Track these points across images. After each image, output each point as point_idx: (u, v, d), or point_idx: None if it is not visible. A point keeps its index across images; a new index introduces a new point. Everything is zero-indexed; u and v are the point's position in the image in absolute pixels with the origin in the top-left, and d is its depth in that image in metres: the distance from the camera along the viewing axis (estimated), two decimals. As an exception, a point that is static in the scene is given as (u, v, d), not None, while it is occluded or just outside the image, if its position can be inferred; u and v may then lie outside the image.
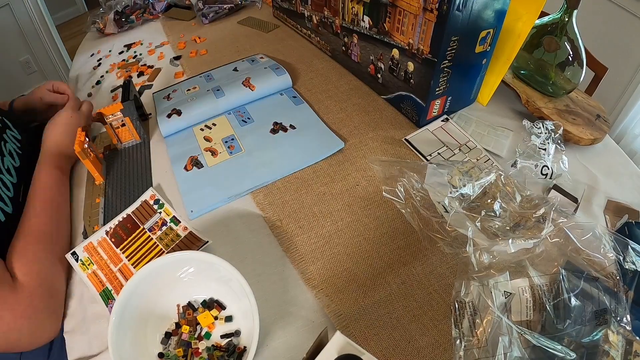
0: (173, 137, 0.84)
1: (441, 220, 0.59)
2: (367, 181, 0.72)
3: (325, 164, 0.75)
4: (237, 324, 0.56)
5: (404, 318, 0.55)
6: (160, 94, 0.94)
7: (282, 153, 0.77)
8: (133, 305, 0.53)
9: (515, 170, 0.69)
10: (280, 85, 0.92)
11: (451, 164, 0.65)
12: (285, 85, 0.93)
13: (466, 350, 0.48)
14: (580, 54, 0.77)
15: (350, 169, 0.74)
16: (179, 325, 0.56)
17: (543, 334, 0.45)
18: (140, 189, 0.74)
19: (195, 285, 0.57)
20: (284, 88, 0.93)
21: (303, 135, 0.81)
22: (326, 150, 0.77)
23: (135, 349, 0.52)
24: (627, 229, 0.61)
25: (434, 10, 0.65)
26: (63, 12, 3.29)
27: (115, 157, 0.82)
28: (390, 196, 0.65)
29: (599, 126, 0.78)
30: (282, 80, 0.92)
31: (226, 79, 0.94)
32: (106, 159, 0.82)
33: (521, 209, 0.58)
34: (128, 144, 0.84)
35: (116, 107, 0.78)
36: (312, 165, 0.75)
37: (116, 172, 0.79)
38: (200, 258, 0.54)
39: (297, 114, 0.86)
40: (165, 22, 1.27)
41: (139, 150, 0.83)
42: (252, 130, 0.83)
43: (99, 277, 0.62)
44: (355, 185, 0.71)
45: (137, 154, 0.82)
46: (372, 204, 0.69)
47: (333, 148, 0.77)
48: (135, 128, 0.82)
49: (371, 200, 0.69)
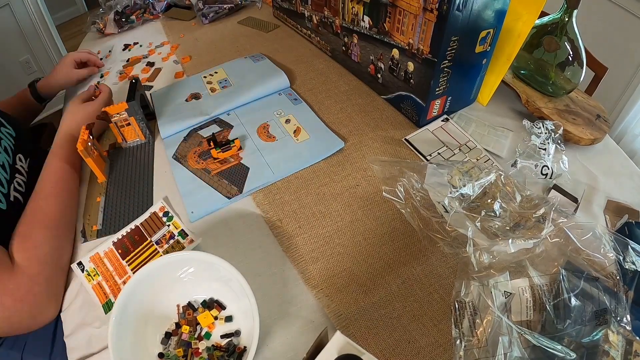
0: (172, 137, 0.84)
1: (441, 220, 0.59)
2: (367, 181, 0.72)
3: (325, 164, 0.75)
4: (237, 324, 0.56)
5: (404, 318, 0.55)
6: (160, 94, 0.94)
7: (282, 155, 0.77)
8: (133, 305, 0.53)
9: (515, 170, 0.69)
10: (277, 86, 0.93)
11: (451, 164, 0.65)
12: (283, 85, 0.93)
13: (466, 350, 0.48)
14: (580, 53, 0.77)
15: (350, 169, 0.74)
16: (179, 325, 0.56)
17: (543, 334, 0.45)
18: (141, 189, 0.74)
19: (196, 285, 0.57)
20: (281, 88, 0.93)
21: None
22: (326, 151, 0.77)
23: (135, 349, 0.52)
24: (627, 229, 0.61)
25: (434, 10, 0.65)
26: (63, 12, 3.28)
27: (119, 156, 0.82)
28: (390, 196, 0.65)
29: (599, 126, 0.78)
30: (279, 81, 0.93)
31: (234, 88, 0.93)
32: (111, 157, 0.82)
33: (521, 208, 0.58)
34: (133, 143, 0.84)
35: (121, 106, 0.78)
36: (312, 166, 0.75)
37: (119, 171, 0.79)
38: (200, 258, 0.54)
39: (296, 114, 0.86)
40: (166, 22, 1.27)
41: (143, 149, 0.83)
42: (251, 132, 0.83)
43: (103, 288, 0.62)
44: (356, 186, 0.71)
45: (141, 154, 0.82)
46: (372, 204, 0.69)
47: (333, 148, 0.77)
48: (140, 128, 0.82)
49: (371, 200, 0.69)
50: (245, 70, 0.98)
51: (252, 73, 0.96)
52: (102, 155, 0.79)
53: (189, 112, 0.87)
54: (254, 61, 1.01)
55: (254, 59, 1.01)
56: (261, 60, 1.01)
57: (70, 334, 0.58)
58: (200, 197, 0.71)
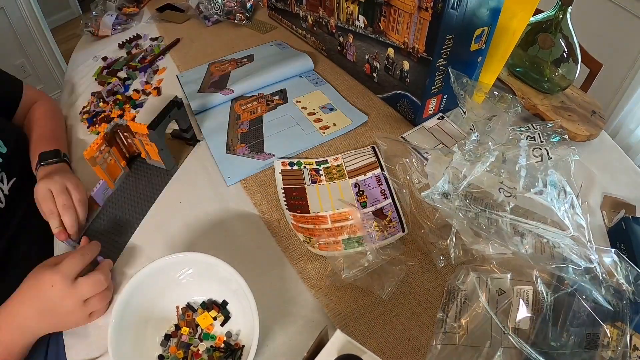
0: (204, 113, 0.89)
1: (433, 207, 0.60)
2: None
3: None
4: (237, 325, 0.56)
5: (403, 316, 0.55)
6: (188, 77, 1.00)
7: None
8: (133, 307, 0.53)
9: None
10: (301, 68, 0.98)
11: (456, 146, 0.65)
12: (306, 68, 0.99)
13: (447, 333, 0.49)
14: (575, 50, 0.78)
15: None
16: (179, 327, 0.56)
17: (533, 345, 0.45)
18: (132, 215, 0.71)
19: (195, 287, 0.57)
20: (305, 71, 0.98)
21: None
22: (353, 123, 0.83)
23: (135, 351, 0.52)
24: (624, 224, 0.61)
25: (429, 8, 0.65)
26: (57, 15, 3.27)
27: (140, 169, 0.76)
28: (390, 176, 0.65)
29: (594, 122, 0.79)
30: (302, 63, 0.99)
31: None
32: (133, 165, 0.78)
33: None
34: (155, 163, 0.77)
35: (142, 127, 0.69)
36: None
37: (128, 186, 0.75)
38: (199, 259, 0.54)
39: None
40: (161, 24, 1.27)
41: (160, 175, 0.76)
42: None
43: None
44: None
45: (157, 178, 0.76)
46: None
47: (358, 121, 0.83)
48: (161, 157, 0.74)
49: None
50: (271, 53, 1.05)
51: (278, 56, 1.03)
52: (119, 165, 0.75)
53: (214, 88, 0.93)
54: (280, 48, 1.07)
55: (280, 47, 1.08)
56: (286, 48, 1.08)
57: (70, 332, 0.58)
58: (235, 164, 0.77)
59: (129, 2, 1.34)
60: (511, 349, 0.46)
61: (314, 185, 0.71)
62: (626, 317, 0.46)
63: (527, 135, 0.66)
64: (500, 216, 0.55)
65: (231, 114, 0.88)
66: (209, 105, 0.90)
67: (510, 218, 0.55)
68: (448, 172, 0.59)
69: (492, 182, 0.59)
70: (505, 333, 0.46)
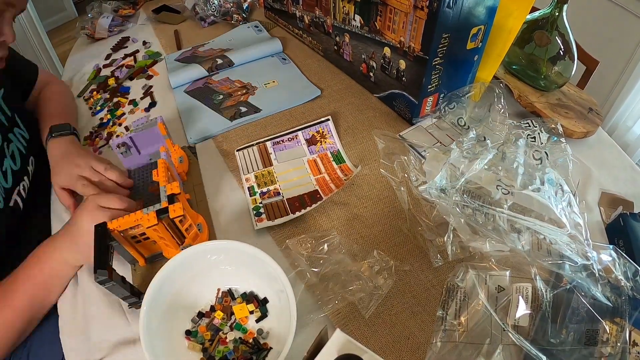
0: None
1: (430, 205, 0.60)
2: (363, 179, 0.72)
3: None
4: (270, 325, 0.55)
5: (402, 314, 0.55)
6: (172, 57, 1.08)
7: (270, 99, 0.92)
8: (176, 277, 0.54)
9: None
10: (271, 49, 1.07)
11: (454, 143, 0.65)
12: (276, 49, 1.07)
13: (447, 330, 0.49)
14: (571, 47, 0.78)
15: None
16: (214, 309, 0.56)
17: (533, 343, 0.45)
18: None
19: (240, 275, 0.57)
20: (275, 52, 1.07)
21: (284, 87, 0.95)
22: (304, 97, 0.90)
23: (164, 322, 0.53)
24: (622, 220, 0.61)
25: (425, 7, 0.65)
26: (53, 17, 3.26)
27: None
28: (387, 173, 0.65)
29: (591, 119, 0.79)
30: (273, 45, 1.07)
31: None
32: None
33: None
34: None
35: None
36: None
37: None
38: (255, 254, 0.53)
39: (282, 72, 1.00)
40: (157, 25, 1.26)
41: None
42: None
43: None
44: (351, 185, 0.71)
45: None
46: (370, 202, 0.69)
47: (310, 95, 0.91)
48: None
49: (368, 199, 0.69)
50: (247, 37, 1.14)
51: (252, 39, 1.12)
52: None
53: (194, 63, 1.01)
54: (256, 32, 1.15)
55: (256, 29, 1.16)
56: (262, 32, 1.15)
57: (68, 332, 0.58)
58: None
59: (125, 4, 1.34)
60: (511, 346, 0.46)
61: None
62: (625, 313, 0.46)
63: (528, 134, 0.66)
64: (498, 212, 0.55)
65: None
66: (188, 79, 0.99)
67: (507, 214, 0.55)
68: (446, 167, 0.59)
69: (490, 179, 0.59)
70: (504, 330, 0.46)
